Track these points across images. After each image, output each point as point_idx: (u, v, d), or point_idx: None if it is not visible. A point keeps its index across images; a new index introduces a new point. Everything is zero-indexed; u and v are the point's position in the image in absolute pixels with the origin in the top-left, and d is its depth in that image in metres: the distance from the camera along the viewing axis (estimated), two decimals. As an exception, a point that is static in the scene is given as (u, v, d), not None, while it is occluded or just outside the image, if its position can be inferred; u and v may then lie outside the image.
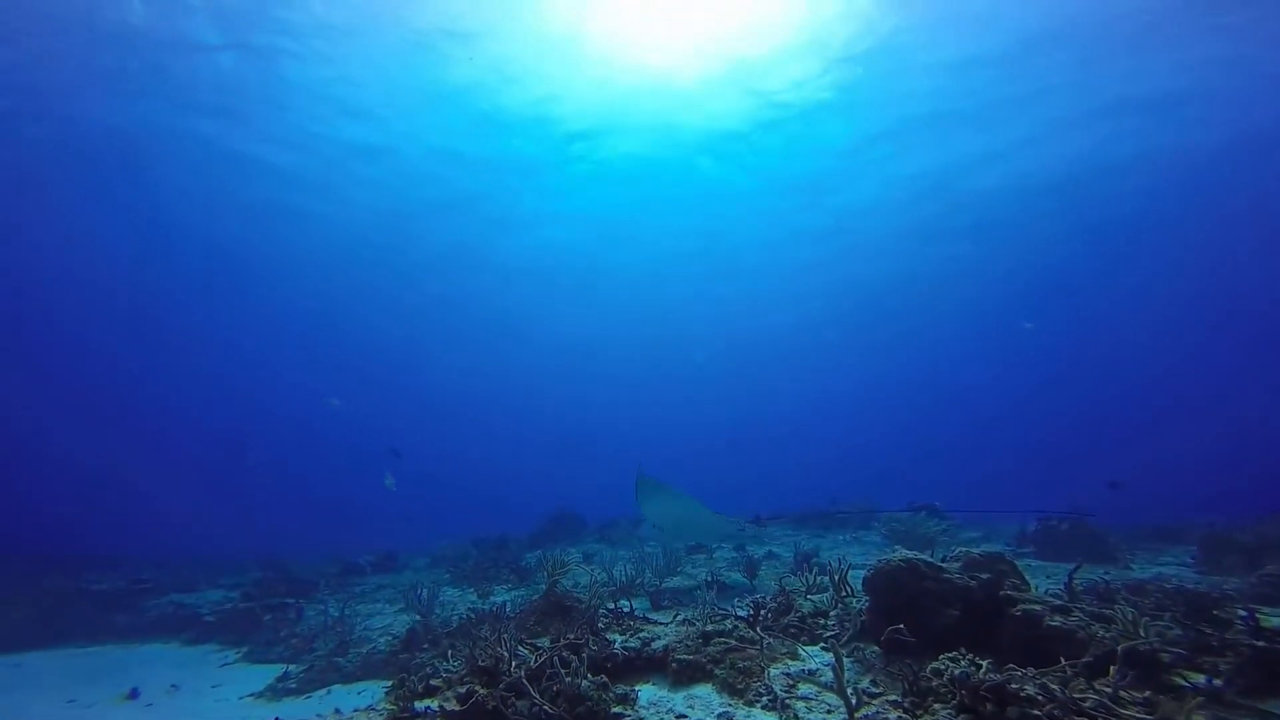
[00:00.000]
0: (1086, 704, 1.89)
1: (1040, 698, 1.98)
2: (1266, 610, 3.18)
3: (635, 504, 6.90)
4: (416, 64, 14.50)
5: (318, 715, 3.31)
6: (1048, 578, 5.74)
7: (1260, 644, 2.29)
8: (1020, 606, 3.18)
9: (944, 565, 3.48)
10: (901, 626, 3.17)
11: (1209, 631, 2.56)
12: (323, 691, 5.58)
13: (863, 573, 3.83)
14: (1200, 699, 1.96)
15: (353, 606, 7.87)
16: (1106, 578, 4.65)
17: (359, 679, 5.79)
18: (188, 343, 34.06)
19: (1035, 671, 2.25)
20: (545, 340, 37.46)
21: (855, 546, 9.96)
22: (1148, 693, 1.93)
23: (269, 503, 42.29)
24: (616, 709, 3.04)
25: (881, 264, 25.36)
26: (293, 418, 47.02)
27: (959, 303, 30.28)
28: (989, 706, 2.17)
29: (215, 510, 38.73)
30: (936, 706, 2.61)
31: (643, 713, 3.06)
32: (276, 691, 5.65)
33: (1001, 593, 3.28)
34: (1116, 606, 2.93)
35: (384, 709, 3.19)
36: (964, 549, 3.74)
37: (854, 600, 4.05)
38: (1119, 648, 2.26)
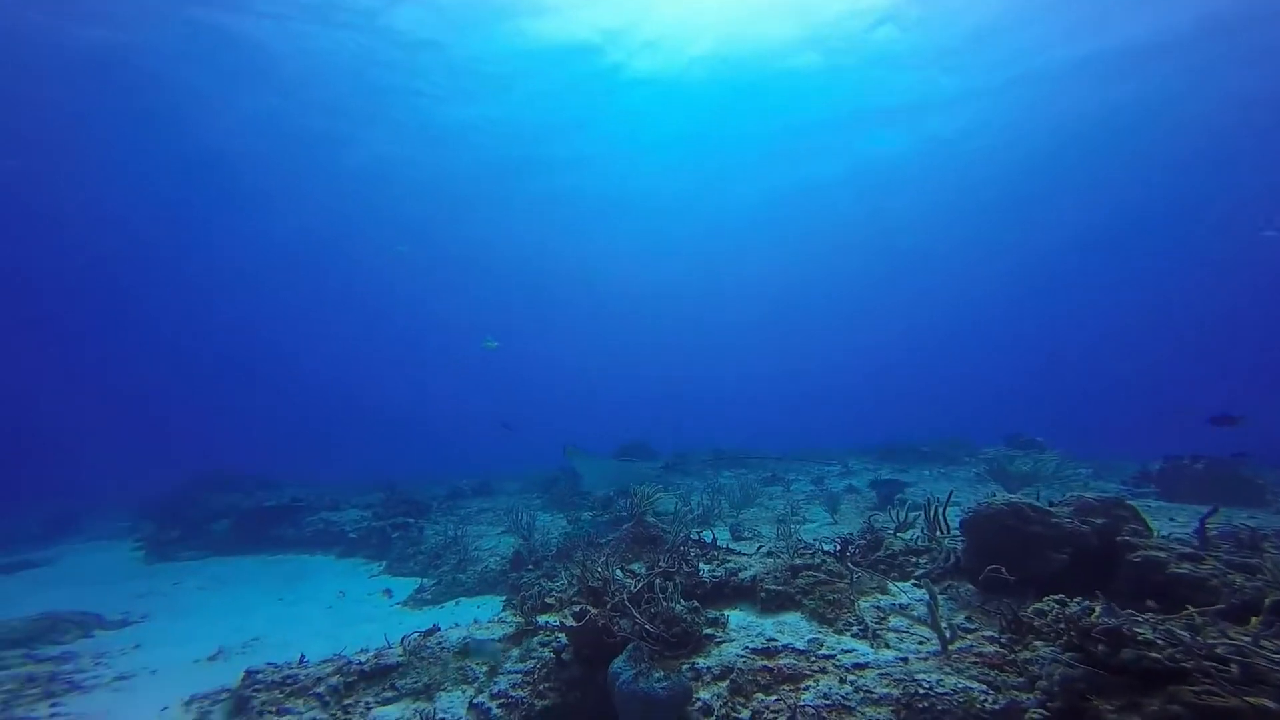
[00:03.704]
0: (1218, 650, 1.80)
1: (1160, 641, 1.91)
2: None
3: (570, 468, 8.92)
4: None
5: (459, 623, 3.88)
6: (1171, 520, 5.30)
7: None
8: (1140, 552, 3.00)
9: (1053, 509, 3.32)
10: (1000, 567, 3.11)
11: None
12: (452, 603, 6.60)
13: (954, 509, 3.74)
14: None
15: (462, 528, 8.91)
16: (1251, 522, 4.21)
17: (479, 594, 6.73)
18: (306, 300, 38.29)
19: (1158, 617, 2.15)
20: (618, 286, 38.23)
21: (943, 482, 9.67)
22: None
23: (379, 431, 48.29)
24: (708, 630, 3.28)
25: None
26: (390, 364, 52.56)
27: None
28: (1101, 648, 2.12)
29: (334, 437, 44.96)
30: (1037, 644, 2.60)
31: (734, 635, 3.28)
32: (418, 602, 6.74)
33: (1119, 538, 3.10)
34: (1264, 554, 2.68)
35: (511, 620, 3.69)
36: (1076, 493, 3.52)
37: (947, 540, 3.99)
38: (1267, 600, 2.09)
